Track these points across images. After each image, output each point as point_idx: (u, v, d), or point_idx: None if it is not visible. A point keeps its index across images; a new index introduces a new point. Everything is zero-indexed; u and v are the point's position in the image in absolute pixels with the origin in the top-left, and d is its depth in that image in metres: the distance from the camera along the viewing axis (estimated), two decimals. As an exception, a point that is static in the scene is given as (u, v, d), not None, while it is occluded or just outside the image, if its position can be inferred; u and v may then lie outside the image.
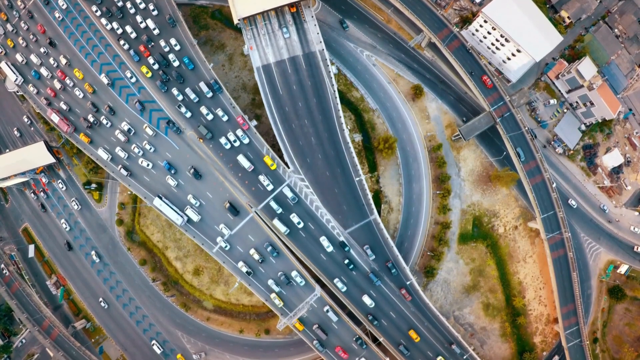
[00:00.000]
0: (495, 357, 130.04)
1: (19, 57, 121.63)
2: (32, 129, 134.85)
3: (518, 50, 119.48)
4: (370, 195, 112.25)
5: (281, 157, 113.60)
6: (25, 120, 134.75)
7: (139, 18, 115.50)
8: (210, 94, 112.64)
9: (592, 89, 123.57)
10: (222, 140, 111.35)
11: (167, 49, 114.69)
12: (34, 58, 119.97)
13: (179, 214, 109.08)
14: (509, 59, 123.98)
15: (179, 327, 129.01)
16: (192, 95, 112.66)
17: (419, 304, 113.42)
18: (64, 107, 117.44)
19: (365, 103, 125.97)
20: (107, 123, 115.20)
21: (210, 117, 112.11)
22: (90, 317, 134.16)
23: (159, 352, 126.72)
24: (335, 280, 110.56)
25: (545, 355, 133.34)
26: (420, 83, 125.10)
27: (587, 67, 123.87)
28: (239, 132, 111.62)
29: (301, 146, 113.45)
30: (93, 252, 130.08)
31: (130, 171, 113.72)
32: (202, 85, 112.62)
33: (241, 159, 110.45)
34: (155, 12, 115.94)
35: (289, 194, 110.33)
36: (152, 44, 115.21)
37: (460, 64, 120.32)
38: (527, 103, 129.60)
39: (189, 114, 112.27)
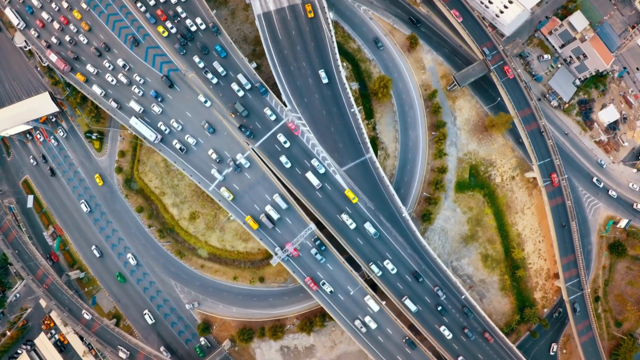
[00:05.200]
0: (495, 311, 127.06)
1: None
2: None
3: (510, 1, 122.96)
4: (366, 134, 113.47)
5: (279, 97, 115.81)
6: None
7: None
8: (249, 86, 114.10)
9: (584, 40, 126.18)
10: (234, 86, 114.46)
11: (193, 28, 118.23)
12: (34, 1, 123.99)
13: (152, 131, 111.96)
14: (501, 12, 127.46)
15: (173, 276, 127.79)
16: (220, 69, 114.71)
17: (419, 251, 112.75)
18: (55, 40, 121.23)
19: (362, 53, 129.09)
20: (109, 66, 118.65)
21: (241, 93, 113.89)
22: (84, 267, 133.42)
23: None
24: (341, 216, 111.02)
25: (547, 312, 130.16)
26: (415, 34, 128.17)
27: (578, 19, 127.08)
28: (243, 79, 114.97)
29: (299, 87, 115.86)
30: (83, 202, 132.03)
31: (121, 104, 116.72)
32: (241, 77, 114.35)
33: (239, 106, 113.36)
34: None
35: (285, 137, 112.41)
36: (178, 19, 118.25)
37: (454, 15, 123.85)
38: (521, 56, 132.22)
39: (215, 80, 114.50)
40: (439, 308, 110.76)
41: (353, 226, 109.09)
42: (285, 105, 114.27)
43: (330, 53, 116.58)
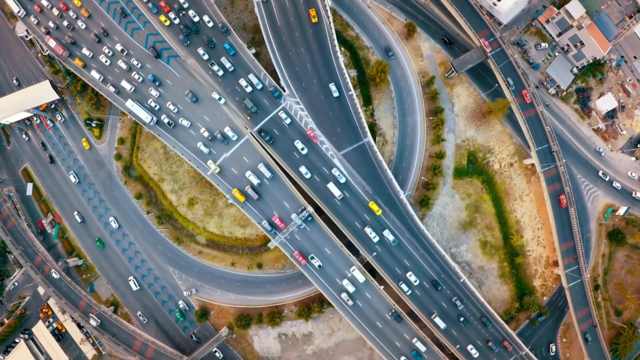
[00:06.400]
0: (494, 299, 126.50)
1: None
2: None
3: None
4: (364, 119, 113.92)
5: (278, 82, 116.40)
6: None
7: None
8: (260, 86, 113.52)
9: (581, 27, 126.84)
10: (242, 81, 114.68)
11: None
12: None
13: (148, 113, 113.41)
14: (498, 0, 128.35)
15: (171, 263, 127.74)
16: (228, 65, 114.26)
17: (418, 236, 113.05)
18: (52, 25, 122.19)
19: (361, 41, 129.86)
20: (108, 52, 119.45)
21: (249, 89, 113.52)
22: (83, 255, 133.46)
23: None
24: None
25: (546, 301, 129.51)
26: (413, 21, 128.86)
27: (575, 7, 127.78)
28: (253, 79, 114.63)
29: (297, 72, 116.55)
30: (72, 173, 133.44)
31: (118, 89, 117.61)
32: (252, 77, 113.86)
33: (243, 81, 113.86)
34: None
35: (284, 116, 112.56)
36: (183, 12, 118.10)
37: (451, 2, 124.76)
38: (518, 44, 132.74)
39: (221, 72, 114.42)
40: (462, 319, 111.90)
41: (376, 239, 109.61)
42: (284, 90, 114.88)
43: (329, 39, 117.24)
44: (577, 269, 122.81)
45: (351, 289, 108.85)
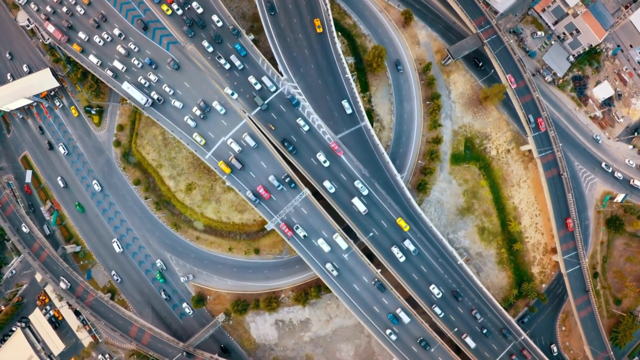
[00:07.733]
0: (492, 286, 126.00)
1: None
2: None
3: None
4: (361, 103, 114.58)
5: (276, 67, 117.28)
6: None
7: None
8: (273, 89, 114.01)
9: (576, 15, 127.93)
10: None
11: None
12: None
13: (143, 95, 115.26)
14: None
15: (168, 249, 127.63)
16: (238, 63, 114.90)
17: (415, 219, 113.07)
18: (49, 9, 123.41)
19: (358, 29, 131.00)
20: (107, 37, 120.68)
21: (258, 86, 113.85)
22: (81, 242, 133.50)
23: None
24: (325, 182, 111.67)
25: (545, 288, 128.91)
26: (410, 9, 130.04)
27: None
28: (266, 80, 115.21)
29: (295, 57, 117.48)
30: (62, 145, 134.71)
31: (115, 73, 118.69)
32: (265, 79, 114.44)
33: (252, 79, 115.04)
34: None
35: (302, 123, 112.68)
36: (188, 6, 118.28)
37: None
38: (514, 32, 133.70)
39: (228, 66, 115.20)
40: (484, 331, 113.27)
41: (403, 259, 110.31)
42: (282, 75, 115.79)
43: (326, 24, 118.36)
44: (576, 254, 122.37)
45: (326, 248, 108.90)
